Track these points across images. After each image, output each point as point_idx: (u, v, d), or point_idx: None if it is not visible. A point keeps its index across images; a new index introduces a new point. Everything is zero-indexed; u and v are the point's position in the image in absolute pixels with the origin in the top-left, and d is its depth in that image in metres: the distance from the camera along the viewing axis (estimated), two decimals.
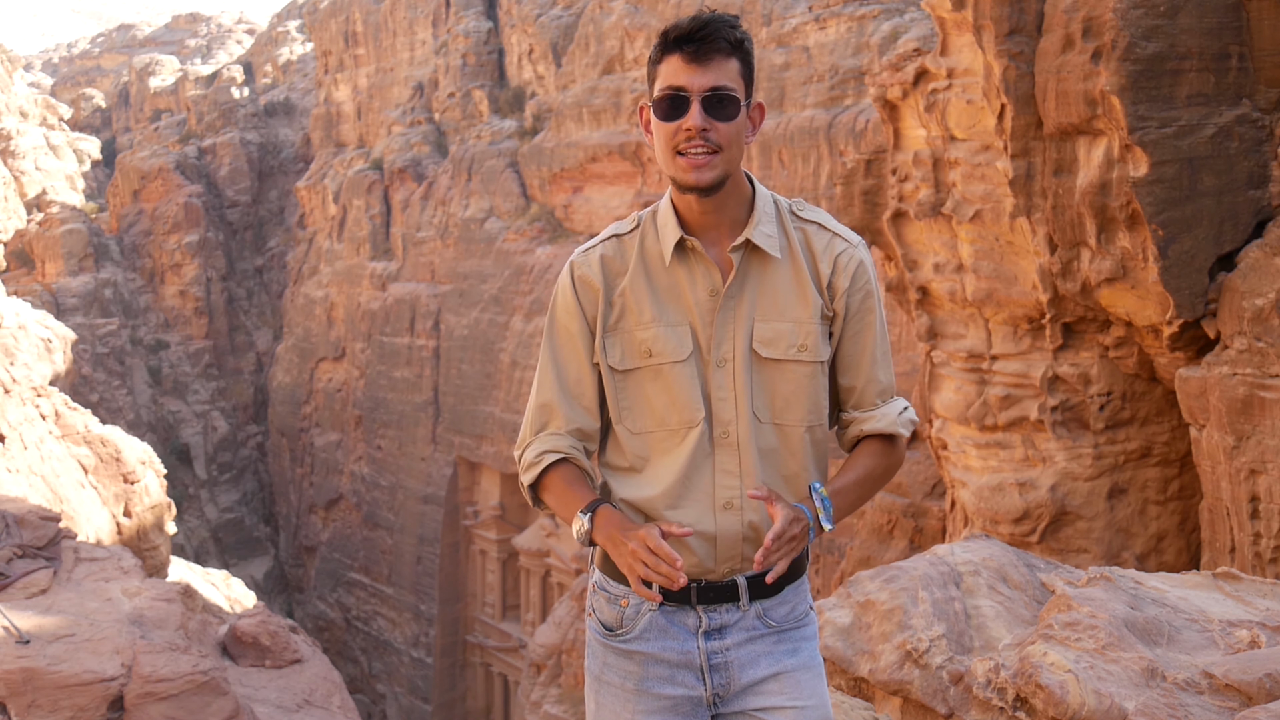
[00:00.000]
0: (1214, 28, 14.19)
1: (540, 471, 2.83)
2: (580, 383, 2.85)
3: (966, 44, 17.12)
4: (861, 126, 31.81)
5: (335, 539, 55.29)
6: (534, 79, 50.19)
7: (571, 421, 2.85)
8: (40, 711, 11.50)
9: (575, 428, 2.86)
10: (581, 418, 2.86)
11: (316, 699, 15.04)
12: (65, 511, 18.09)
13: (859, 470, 2.83)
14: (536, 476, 2.84)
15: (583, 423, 2.86)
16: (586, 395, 2.86)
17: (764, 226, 2.78)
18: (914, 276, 18.92)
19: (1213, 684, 4.22)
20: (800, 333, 2.77)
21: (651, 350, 2.77)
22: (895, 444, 2.89)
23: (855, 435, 2.90)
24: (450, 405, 48.71)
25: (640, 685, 2.83)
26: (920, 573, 5.57)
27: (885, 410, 2.87)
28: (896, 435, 2.87)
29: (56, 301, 53.40)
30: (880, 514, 25.33)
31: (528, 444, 2.89)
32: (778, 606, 2.85)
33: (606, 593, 2.89)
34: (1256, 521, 13.50)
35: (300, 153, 66.07)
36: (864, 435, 2.89)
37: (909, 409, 2.91)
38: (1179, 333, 14.74)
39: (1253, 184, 14.34)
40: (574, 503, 2.75)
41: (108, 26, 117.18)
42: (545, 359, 2.90)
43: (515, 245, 46.98)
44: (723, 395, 2.76)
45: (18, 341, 26.74)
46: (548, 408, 2.87)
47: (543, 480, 2.84)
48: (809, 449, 2.80)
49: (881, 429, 2.85)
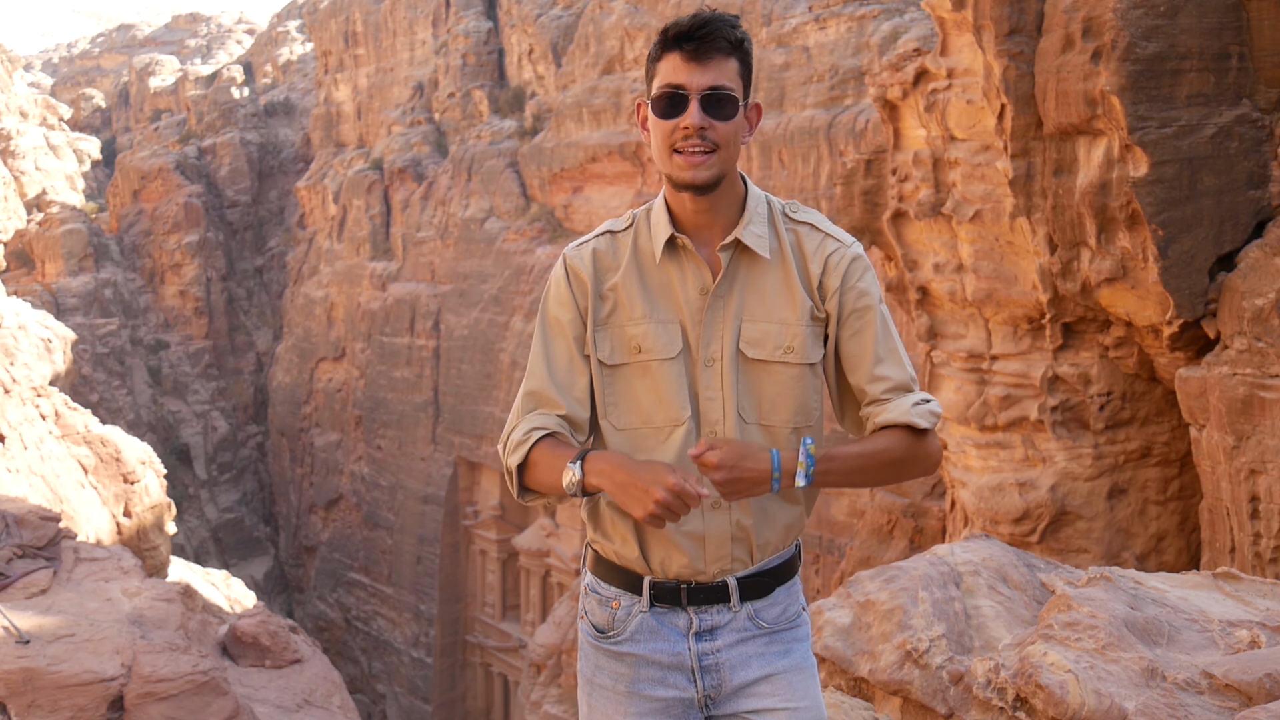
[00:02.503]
0: (1214, 28, 14.19)
1: (528, 449, 2.71)
2: (571, 373, 2.80)
3: (966, 44, 17.12)
4: (861, 126, 31.81)
5: (335, 539, 55.29)
6: (534, 79, 50.18)
7: (561, 408, 2.77)
8: (40, 711, 11.50)
9: (564, 414, 2.77)
10: (571, 406, 2.78)
11: (316, 699, 15.04)
12: (65, 511, 18.09)
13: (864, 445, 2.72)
14: (525, 455, 2.71)
15: (572, 410, 2.78)
16: (578, 385, 2.80)
17: (754, 227, 2.77)
18: (914, 276, 18.92)
19: (1213, 684, 4.21)
20: (787, 334, 2.75)
21: (641, 346, 2.75)
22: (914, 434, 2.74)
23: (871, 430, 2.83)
24: (450, 405, 48.71)
25: (632, 687, 2.82)
26: (920, 573, 5.57)
27: (898, 403, 2.75)
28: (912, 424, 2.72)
29: (56, 301, 53.39)
30: (880, 514, 25.33)
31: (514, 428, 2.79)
32: (769, 608, 2.84)
33: (598, 595, 2.88)
34: (1256, 521, 13.50)
35: (300, 153, 66.06)
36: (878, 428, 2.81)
37: (930, 401, 2.77)
38: (1179, 333, 14.74)
39: (1253, 184, 14.34)
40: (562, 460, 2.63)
41: (108, 26, 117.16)
42: (536, 349, 2.84)
43: (515, 245, 46.98)
44: (710, 395, 2.75)
45: (18, 341, 26.74)
46: (536, 395, 2.80)
47: (529, 457, 2.71)
48: None
49: (892, 420, 2.73)
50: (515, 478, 2.76)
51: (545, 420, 2.76)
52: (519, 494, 2.80)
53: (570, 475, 2.59)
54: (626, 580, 2.83)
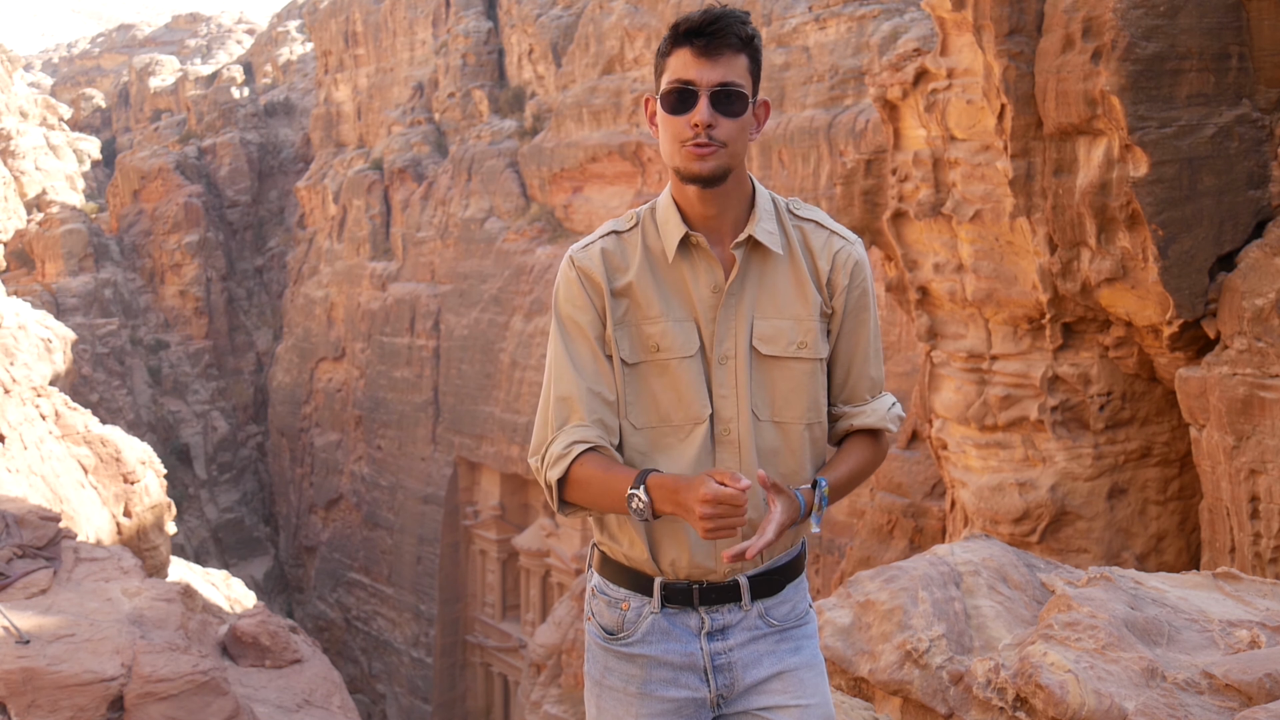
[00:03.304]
0: (1214, 28, 14.19)
1: (570, 462, 2.65)
2: (598, 375, 2.75)
3: (966, 44, 17.12)
4: (861, 126, 31.82)
5: (335, 539, 55.29)
6: (534, 79, 50.19)
7: (594, 413, 2.72)
8: (40, 711, 11.50)
9: (598, 419, 2.72)
10: (603, 410, 2.73)
11: (316, 699, 15.04)
12: (65, 511, 18.09)
13: (850, 465, 2.83)
14: (565, 470, 2.66)
15: (605, 415, 2.73)
16: (606, 386, 2.75)
17: (765, 223, 2.78)
18: (914, 276, 18.92)
19: (1213, 684, 4.21)
20: (800, 330, 2.77)
21: (659, 345, 2.74)
22: (882, 439, 2.92)
23: (845, 429, 2.90)
24: (450, 405, 48.72)
25: (643, 689, 2.82)
26: (920, 573, 5.57)
27: (875, 406, 2.89)
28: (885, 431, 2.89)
29: (56, 301, 53.40)
30: (880, 514, 25.31)
31: (551, 440, 2.72)
32: (779, 605, 2.84)
33: (606, 596, 2.87)
34: (1256, 521, 13.50)
35: (300, 153, 66.07)
36: (854, 430, 2.90)
37: (897, 404, 2.93)
38: (1179, 333, 14.74)
39: (1253, 184, 14.34)
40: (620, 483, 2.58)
41: (108, 26, 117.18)
42: (558, 354, 2.78)
43: (515, 245, 47.00)
44: (725, 392, 2.75)
45: (18, 341, 26.73)
46: (568, 401, 2.72)
47: (571, 473, 2.66)
48: (808, 447, 2.80)
49: (872, 424, 2.88)
50: (555, 492, 2.71)
51: (585, 433, 2.69)
52: (560, 508, 2.75)
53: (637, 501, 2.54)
54: (636, 581, 2.82)
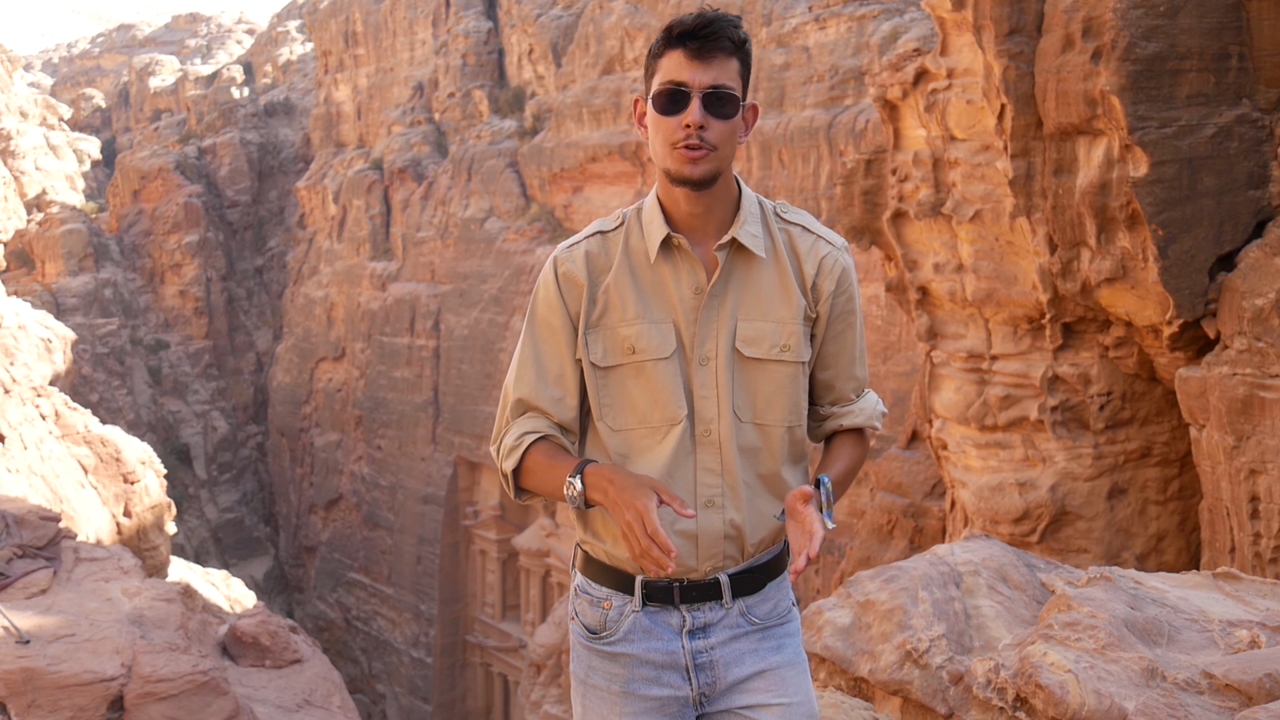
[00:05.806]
0: (1214, 28, 14.19)
1: (522, 453, 2.76)
2: (562, 378, 2.81)
3: (966, 44, 17.12)
4: (861, 126, 31.82)
5: (335, 539, 55.30)
6: (534, 79, 50.19)
7: (551, 414, 2.81)
8: (40, 711, 11.50)
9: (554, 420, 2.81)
10: (561, 412, 2.81)
11: (316, 699, 15.04)
12: (65, 511, 18.09)
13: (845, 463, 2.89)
14: (519, 460, 2.76)
15: (562, 416, 2.81)
16: (568, 391, 2.81)
17: (749, 226, 2.78)
18: (914, 276, 18.92)
19: (1213, 684, 4.22)
20: (783, 333, 2.78)
21: (635, 347, 2.75)
22: (866, 437, 2.98)
23: (832, 429, 2.94)
24: (450, 405, 48.73)
25: (626, 687, 2.83)
26: (920, 573, 5.57)
27: (861, 405, 2.94)
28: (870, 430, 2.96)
29: (56, 301, 53.40)
30: (880, 514, 25.30)
31: (505, 431, 2.83)
32: (761, 603, 2.85)
33: (589, 595, 2.88)
34: (1256, 521, 13.50)
35: (300, 153, 66.08)
36: (841, 429, 2.94)
37: (879, 402, 3.00)
38: (1179, 333, 14.74)
39: (1253, 184, 14.35)
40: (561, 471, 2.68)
41: (108, 26, 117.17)
42: (525, 352, 2.84)
43: (515, 245, 47.01)
44: (705, 393, 2.75)
45: (18, 341, 26.73)
46: (525, 402, 2.82)
47: (524, 462, 2.77)
48: (787, 449, 2.81)
49: (859, 424, 2.93)
50: (511, 481, 2.82)
51: (536, 424, 2.79)
52: (516, 495, 2.86)
53: (571, 489, 2.63)
54: (618, 580, 2.83)
